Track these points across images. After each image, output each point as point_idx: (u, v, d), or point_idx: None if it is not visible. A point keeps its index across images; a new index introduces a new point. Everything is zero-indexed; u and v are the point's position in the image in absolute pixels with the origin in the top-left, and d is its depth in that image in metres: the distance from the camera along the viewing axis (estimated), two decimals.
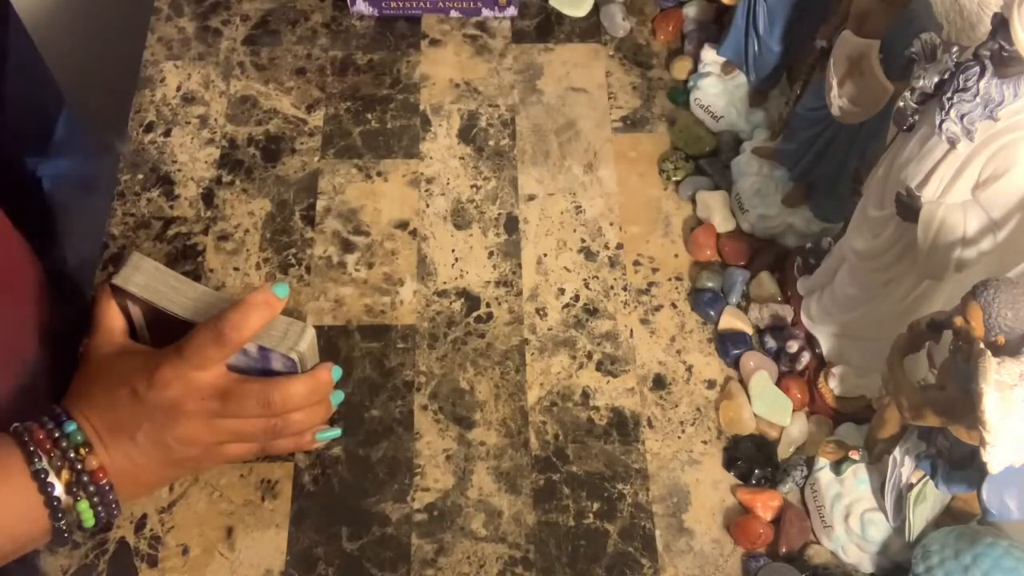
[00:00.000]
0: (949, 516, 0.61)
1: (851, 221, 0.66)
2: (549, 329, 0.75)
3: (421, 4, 0.90)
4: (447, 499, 0.68)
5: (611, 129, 0.85)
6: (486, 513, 0.68)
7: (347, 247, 0.78)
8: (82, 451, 0.55)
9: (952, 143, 0.54)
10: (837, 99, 0.65)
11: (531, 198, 0.81)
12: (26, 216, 0.66)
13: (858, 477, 0.65)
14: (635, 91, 0.88)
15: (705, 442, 0.71)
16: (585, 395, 0.73)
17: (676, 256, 0.79)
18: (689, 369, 0.74)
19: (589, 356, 0.74)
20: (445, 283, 0.77)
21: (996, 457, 0.49)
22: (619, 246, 0.79)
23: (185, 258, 0.77)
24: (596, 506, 0.68)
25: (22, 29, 0.78)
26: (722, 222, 0.79)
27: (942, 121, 0.53)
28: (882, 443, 0.63)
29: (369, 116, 0.85)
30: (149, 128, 0.84)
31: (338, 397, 0.65)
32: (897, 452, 0.62)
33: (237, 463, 0.68)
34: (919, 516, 0.61)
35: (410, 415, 0.71)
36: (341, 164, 0.83)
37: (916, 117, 0.57)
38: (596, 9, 0.92)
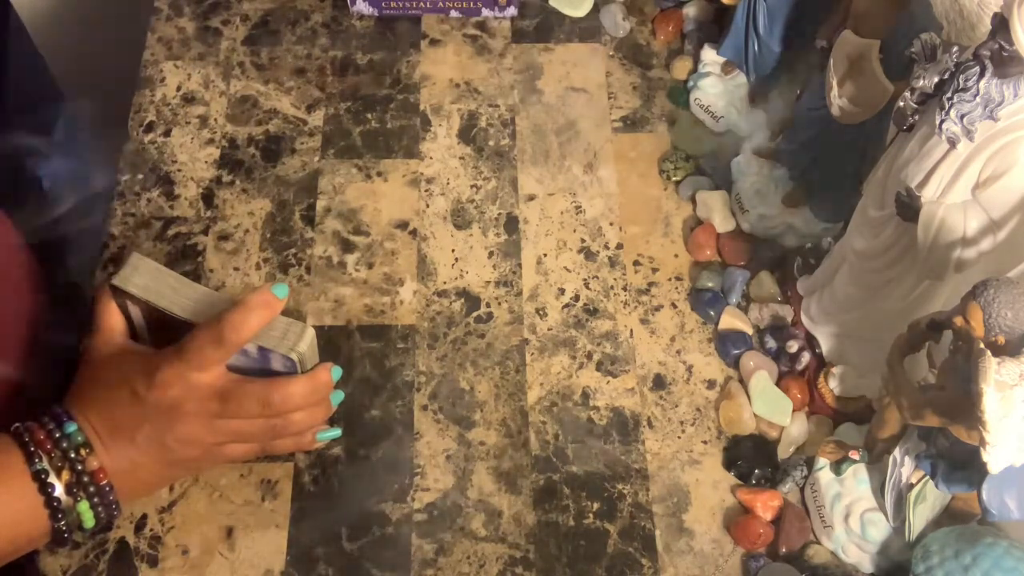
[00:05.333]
0: (949, 516, 0.61)
1: (851, 221, 0.66)
2: (549, 329, 0.75)
3: (421, 4, 0.90)
4: (447, 499, 0.68)
5: (611, 129, 0.85)
6: (486, 513, 0.68)
7: (347, 247, 0.78)
8: (82, 452, 0.55)
9: (952, 143, 0.54)
10: (837, 99, 0.65)
11: (531, 198, 0.81)
12: (26, 216, 0.66)
13: (858, 477, 0.65)
14: (635, 91, 0.88)
15: (705, 442, 0.71)
16: (585, 395, 0.73)
17: (676, 256, 0.79)
18: (689, 369, 0.74)
19: (589, 356, 0.74)
20: (445, 283, 0.77)
21: (996, 457, 0.49)
22: (619, 246, 0.79)
23: (185, 258, 0.77)
24: (596, 506, 0.68)
25: (22, 29, 0.78)
26: (722, 222, 0.79)
27: (942, 121, 0.53)
28: (882, 443, 0.63)
29: (369, 116, 0.85)
30: (149, 128, 0.84)
31: (338, 397, 0.65)
32: (897, 452, 0.62)
33: (237, 463, 0.68)
34: (919, 516, 0.61)
35: (410, 415, 0.71)
36: (341, 164, 0.83)
37: (916, 117, 0.57)
38: (596, 9, 0.92)
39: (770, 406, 0.71)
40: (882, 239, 0.62)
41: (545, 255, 0.79)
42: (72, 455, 0.54)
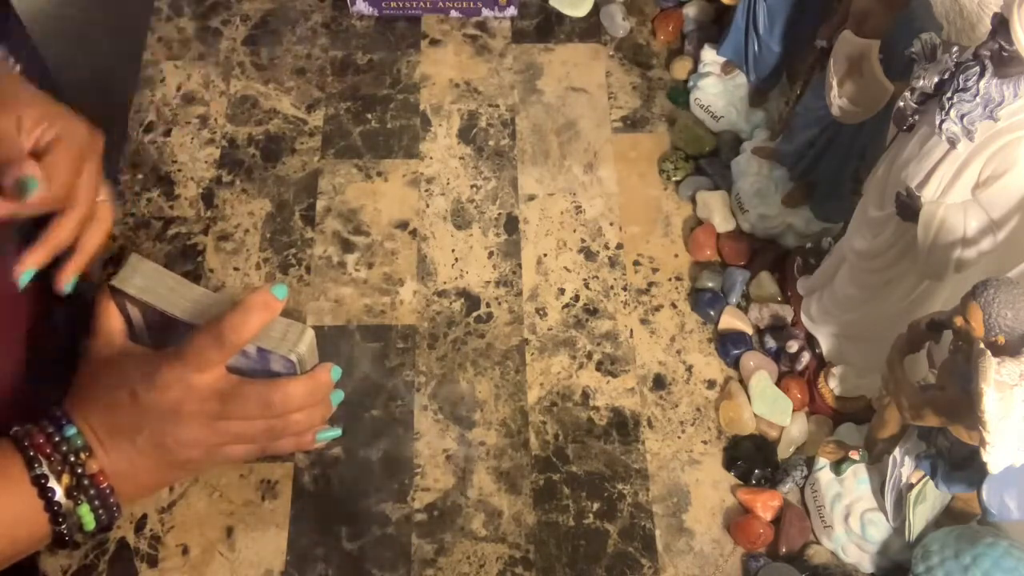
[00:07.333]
0: (949, 516, 0.61)
1: (851, 221, 0.66)
2: (549, 329, 0.75)
3: (421, 4, 0.90)
4: (447, 499, 0.68)
5: (611, 129, 0.85)
6: (486, 513, 0.68)
7: (347, 247, 0.78)
8: (82, 455, 0.55)
9: (952, 143, 0.54)
10: (837, 99, 0.65)
11: (531, 198, 0.81)
12: (26, 217, 0.66)
13: (858, 477, 0.65)
14: (635, 91, 0.88)
15: (705, 442, 0.71)
16: (585, 395, 0.73)
17: (676, 256, 0.79)
18: (689, 369, 0.74)
19: (589, 356, 0.74)
20: (445, 283, 0.77)
21: (996, 457, 0.49)
22: (619, 246, 0.79)
23: (185, 258, 0.77)
24: (596, 506, 0.68)
25: (22, 29, 0.78)
26: (722, 222, 0.79)
27: (942, 121, 0.53)
28: (882, 443, 0.63)
29: (369, 116, 0.85)
30: (149, 128, 0.84)
31: (338, 397, 0.65)
32: (897, 452, 0.62)
33: (237, 464, 0.68)
34: (919, 516, 0.61)
35: (410, 415, 0.71)
36: (341, 164, 0.83)
37: (916, 117, 0.57)
38: (596, 9, 0.92)
39: (770, 406, 0.71)
40: (882, 239, 0.61)
41: (545, 255, 0.79)
42: (72, 458, 0.54)
